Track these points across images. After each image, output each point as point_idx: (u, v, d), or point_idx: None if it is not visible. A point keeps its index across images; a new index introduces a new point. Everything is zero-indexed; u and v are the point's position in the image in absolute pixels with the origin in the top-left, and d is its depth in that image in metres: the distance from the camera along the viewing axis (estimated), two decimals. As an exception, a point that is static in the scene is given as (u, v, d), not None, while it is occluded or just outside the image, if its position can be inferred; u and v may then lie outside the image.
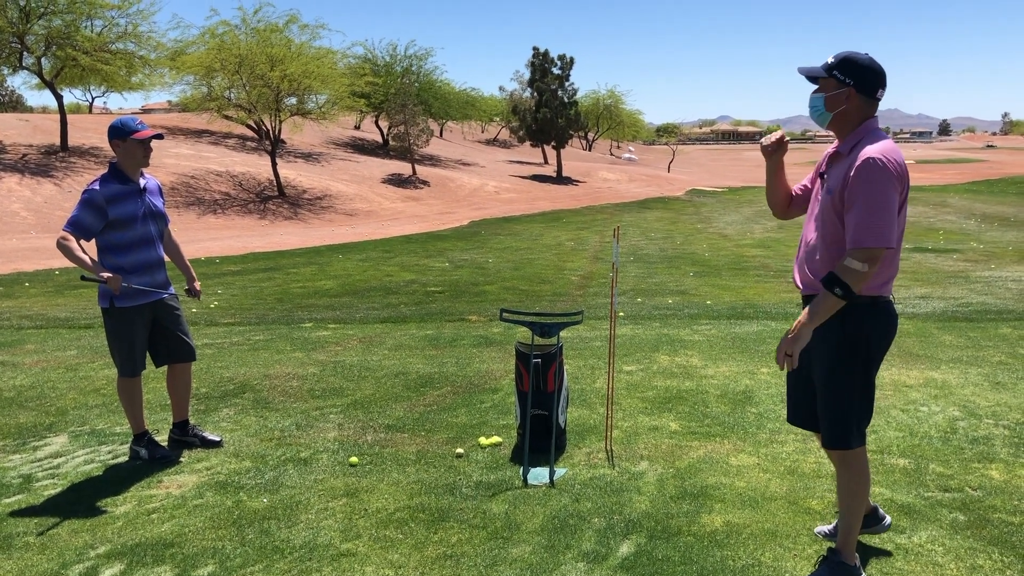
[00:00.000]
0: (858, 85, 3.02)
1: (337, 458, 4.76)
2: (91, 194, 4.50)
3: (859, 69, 3.02)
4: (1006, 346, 7.44)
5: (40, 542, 3.74)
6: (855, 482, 3.19)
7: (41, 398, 6.17)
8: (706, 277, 13.72)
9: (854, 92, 3.03)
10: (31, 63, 31.32)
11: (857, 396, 3.11)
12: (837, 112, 3.07)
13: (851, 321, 3.04)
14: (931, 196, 35.97)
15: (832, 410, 3.13)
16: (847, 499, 3.21)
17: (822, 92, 3.09)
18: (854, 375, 3.09)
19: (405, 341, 8.22)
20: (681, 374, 6.55)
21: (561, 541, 3.64)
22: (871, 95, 3.04)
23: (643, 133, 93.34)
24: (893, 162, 2.91)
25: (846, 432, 3.12)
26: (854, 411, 3.12)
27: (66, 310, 10.92)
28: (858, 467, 3.18)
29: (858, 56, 3.04)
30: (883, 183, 2.88)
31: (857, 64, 3.02)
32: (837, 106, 3.06)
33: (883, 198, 2.88)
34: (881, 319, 3.08)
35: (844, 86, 3.03)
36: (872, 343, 3.08)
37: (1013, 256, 15.69)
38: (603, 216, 29.35)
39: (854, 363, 3.08)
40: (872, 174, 2.89)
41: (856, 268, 2.90)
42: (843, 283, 2.91)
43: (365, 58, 47.96)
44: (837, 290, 2.92)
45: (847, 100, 3.04)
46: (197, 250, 18.39)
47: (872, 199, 2.89)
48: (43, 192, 26.36)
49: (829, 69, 3.05)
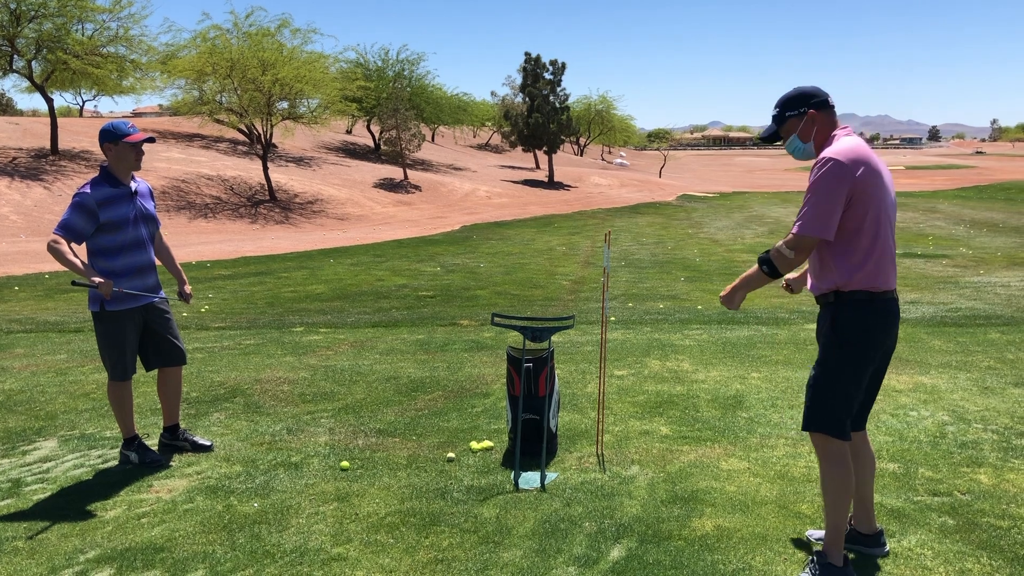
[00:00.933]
0: (812, 106, 3.26)
1: (328, 462, 4.75)
2: (82, 197, 4.49)
3: (801, 96, 3.28)
4: (995, 351, 7.48)
5: (29, 546, 3.72)
6: (834, 474, 3.23)
7: (31, 402, 6.14)
8: (697, 282, 13.75)
9: (814, 112, 3.25)
10: (21, 66, 31.22)
11: (834, 389, 3.20)
12: (815, 136, 3.28)
13: (848, 316, 3.17)
14: (921, 202, 36.13)
15: (811, 391, 3.26)
16: (828, 495, 3.26)
17: (793, 132, 3.31)
18: (844, 367, 3.19)
19: (396, 345, 8.22)
20: (672, 379, 6.57)
21: (552, 545, 3.64)
22: (825, 106, 3.27)
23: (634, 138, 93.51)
24: (841, 160, 3.06)
25: (823, 417, 3.22)
26: (828, 401, 3.21)
27: (56, 314, 10.88)
28: (837, 462, 3.23)
29: (790, 92, 3.33)
30: (824, 178, 3.06)
31: (797, 95, 3.29)
32: (810, 132, 3.28)
33: (822, 191, 3.06)
34: (875, 316, 3.17)
35: (803, 115, 3.27)
36: (864, 340, 3.17)
37: (1002, 261, 15.77)
38: (595, 221, 29.39)
39: (846, 356, 3.18)
40: (819, 170, 3.09)
41: (784, 253, 3.15)
42: (770, 262, 3.19)
43: (357, 62, 47.97)
44: (764, 267, 3.22)
45: (814, 122, 3.26)
46: (188, 254, 18.34)
47: (812, 192, 3.09)
48: (33, 196, 26.25)
49: (780, 115, 3.32)
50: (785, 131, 3.33)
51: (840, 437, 3.21)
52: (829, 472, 3.24)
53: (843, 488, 3.23)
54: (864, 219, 3.10)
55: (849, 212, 3.08)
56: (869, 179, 3.08)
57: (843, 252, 3.14)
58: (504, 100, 54.50)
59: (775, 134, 3.38)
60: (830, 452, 3.24)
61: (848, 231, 3.11)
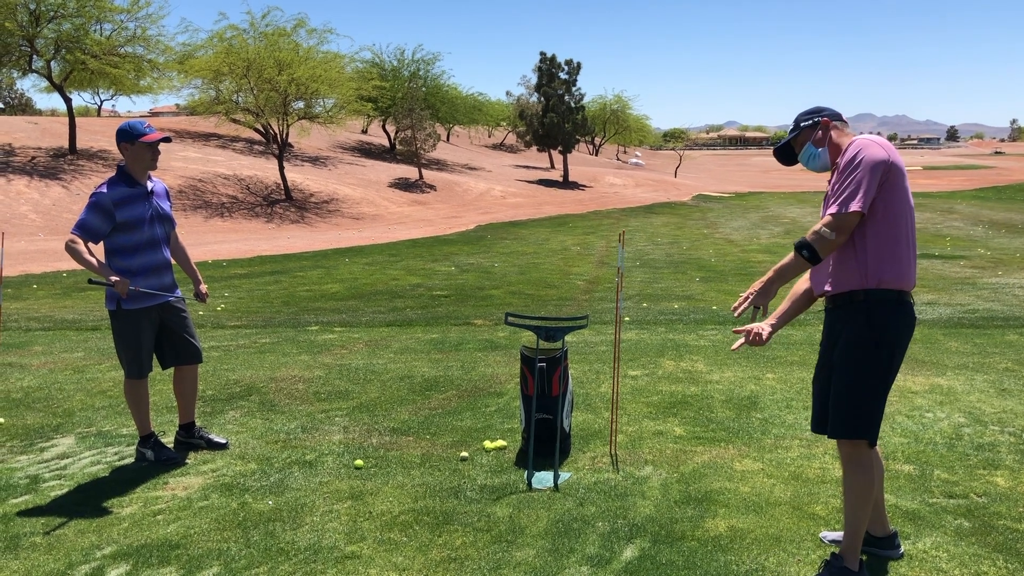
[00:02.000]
0: (825, 115, 3.33)
1: (342, 461, 4.77)
2: (99, 197, 4.53)
3: (815, 110, 3.37)
4: (1012, 353, 7.42)
5: (47, 542, 3.76)
6: (860, 484, 3.20)
7: (48, 399, 6.20)
8: (712, 282, 13.71)
9: (827, 120, 3.31)
10: (40, 66, 31.47)
11: (873, 391, 3.15)
12: (828, 143, 3.31)
13: (879, 317, 3.13)
14: (938, 202, 35.88)
15: (847, 399, 3.17)
16: (852, 501, 3.22)
17: (807, 141, 3.36)
18: (878, 371, 3.14)
19: (411, 345, 8.24)
20: (686, 379, 6.55)
21: (565, 545, 3.64)
22: (839, 118, 3.35)
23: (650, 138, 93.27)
24: (876, 143, 3.10)
25: (858, 422, 3.15)
26: (865, 402, 3.15)
27: (73, 312, 10.97)
28: (866, 468, 3.19)
29: (805, 109, 3.42)
30: (860, 158, 3.07)
31: (811, 108, 3.39)
32: (824, 140, 3.32)
33: (859, 168, 3.06)
34: (904, 318, 3.16)
35: (816, 124, 3.33)
36: (895, 341, 3.14)
37: (1021, 263, 15.64)
38: (609, 221, 29.36)
39: (879, 359, 3.13)
40: (852, 151, 3.11)
41: (824, 234, 3.08)
42: (810, 246, 3.11)
43: (372, 62, 48.07)
44: (804, 252, 3.12)
45: (827, 129, 3.32)
46: (204, 253, 18.44)
47: (848, 171, 3.08)
48: (51, 195, 26.47)
49: (797, 123, 3.39)
50: (799, 142, 3.38)
51: (874, 443, 3.19)
52: (857, 479, 3.20)
53: (869, 494, 3.20)
54: (892, 209, 3.08)
55: (882, 199, 3.07)
56: (899, 171, 3.09)
57: (871, 245, 3.10)
58: (519, 100, 54.48)
59: (789, 148, 3.44)
60: (860, 458, 3.19)
61: (874, 221, 3.09)
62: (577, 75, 48.19)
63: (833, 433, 3.22)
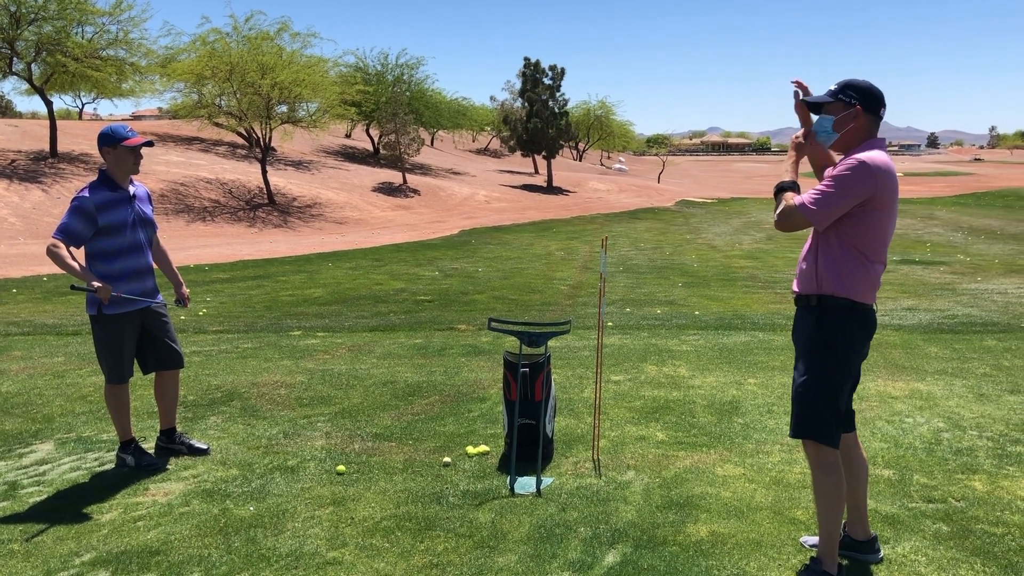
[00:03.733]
0: (864, 104, 3.19)
1: (324, 466, 4.76)
2: (81, 201, 4.50)
3: (862, 90, 3.21)
4: (991, 358, 7.49)
5: (25, 549, 3.73)
6: (826, 485, 3.23)
7: (27, 405, 6.15)
8: (695, 288, 13.77)
9: (861, 111, 3.18)
10: (21, 69, 31.23)
11: (823, 393, 3.20)
12: (846, 131, 3.21)
13: (830, 321, 3.18)
14: (919, 208, 36.19)
15: (800, 399, 3.25)
16: (821, 503, 3.26)
17: (830, 114, 3.23)
18: (827, 372, 3.19)
19: (394, 350, 8.23)
20: (668, 384, 6.58)
21: (547, 550, 3.65)
22: (875, 112, 3.20)
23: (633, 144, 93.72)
24: (871, 166, 3.04)
25: (808, 423, 3.22)
26: (817, 405, 3.20)
27: (54, 317, 10.88)
28: (829, 469, 3.23)
29: (859, 80, 3.24)
30: (849, 176, 3.05)
31: (860, 87, 3.21)
32: (846, 125, 3.21)
33: (840, 185, 3.05)
34: (855, 323, 3.19)
35: (851, 106, 3.19)
36: (846, 345, 3.19)
37: (999, 269, 15.80)
38: (593, 226, 29.42)
39: (828, 361, 3.19)
40: (845, 165, 3.08)
41: (780, 208, 3.19)
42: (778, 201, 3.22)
43: (356, 67, 48.05)
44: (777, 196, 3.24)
45: (855, 119, 3.19)
46: (186, 257, 18.35)
47: (831, 183, 3.08)
48: (32, 198, 26.26)
49: (835, 94, 3.23)
50: (828, 109, 3.25)
51: (830, 444, 3.22)
52: (821, 480, 3.24)
53: (835, 495, 3.23)
54: (867, 234, 3.10)
55: (855, 221, 3.08)
56: (888, 194, 3.08)
57: (837, 259, 3.14)
58: (503, 105, 54.55)
59: (819, 105, 3.29)
60: (821, 460, 3.24)
61: (846, 236, 3.11)
62: (561, 80, 48.35)
63: (791, 432, 3.30)
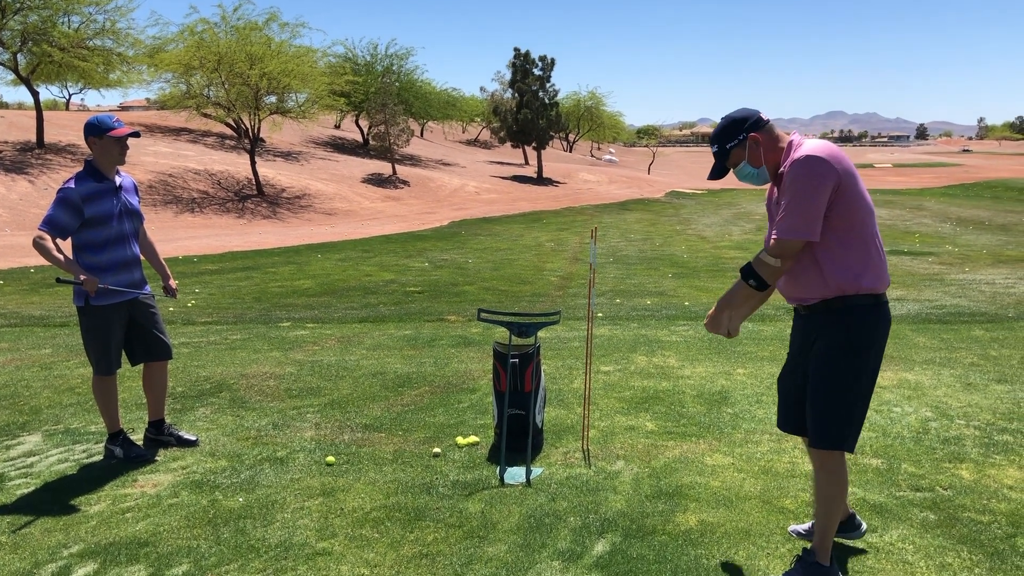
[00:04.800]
0: (748, 129, 3.16)
1: (314, 457, 4.75)
2: (67, 192, 4.47)
3: (734, 123, 3.18)
4: (978, 348, 7.53)
5: (12, 541, 3.71)
6: (834, 486, 3.19)
7: (15, 397, 6.11)
8: (684, 278, 13.79)
9: (755, 135, 3.15)
10: (7, 59, 31.00)
11: (855, 399, 3.10)
12: (764, 158, 3.16)
13: (857, 322, 3.07)
14: (908, 199, 36.32)
15: (823, 410, 3.12)
16: (825, 502, 3.21)
17: (741, 161, 3.19)
18: (860, 377, 3.09)
19: (383, 341, 8.22)
20: (658, 374, 6.59)
21: (537, 540, 3.65)
22: (761, 125, 3.17)
23: (623, 135, 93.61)
24: (823, 156, 2.97)
25: (843, 433, 3.11)
26: (843, 413, 3.10)
27: (41, 308, 10.82)
28: (838, 471, 3.19)
29: (724, 119, 3.23)
30: (807, 176, 2.96)
31: (729, 124, 3.19)
32: (757, 155, 3.17)
33: (804, 190, 2.97)
34: (883, 320, 3.11)
35: (744, 142, 3.16)
36: (873, 344, 3.09)
37: (987, 259, 15.88)
38: (583, 217, 29.42)
39: (860, 365, 3.08)
40: (796, 171, 2.99)
41: (768, 261, 3.05)
42: (757, 276, 3.08)
43: (345, 57, 47.82)
44: (752, 281, 3.10)
45: (758, 144, 3.16)
46: (175, 249, 18.26)
47: (793, 195, 2.99)
48: (18, 189, 26.08)
49: (723, 147, 3.20)
50: (732, 162, 3.21)
51: (852, 451, 3.15)
52: (831, 481, 3.18)
53: (840, 495, 3.20)
54: (855, 216, 3.01)
55: (838, 210, 2.98)
56: (850, 175, 3.00)
57: (842, 254, 3.04)
58: (493, 96, 54.42)
59: (723, 169, 3.25)
60: (833, 464, 3.17)
61: (840, 231, 3.01)
62: (551, 71, 48.27)
63: (816, 444, 3.15)
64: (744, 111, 3.20)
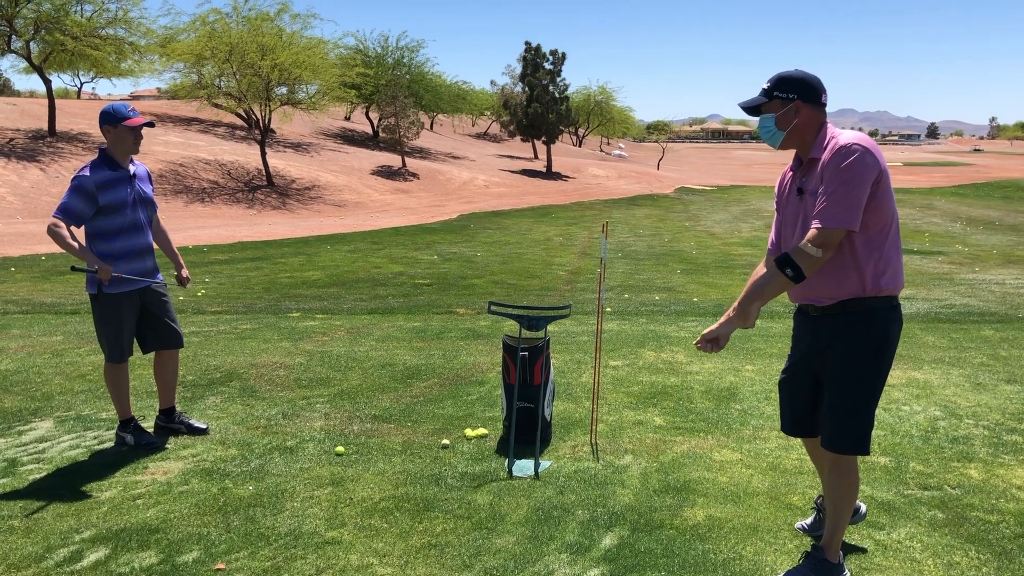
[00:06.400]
0: (802, 96, 3.07)
1: (323, 447, 4.77)
2: (81, 180, 4.49)
3: (796, 83, 3.09)
4: (988, 348, 7.51)
5: (25, 525, 3.74)
6: (847, 486, 3.18)
7: (26, 383, 6.15)
8: (693, 274, 13.78)
9: (801, 103, 3.07)
10: (19, 47, 31.03)
11: (876, 400, 3.10)
12: (792, 127, 3.10)
13: (877, 325, 3.03)
14: (918, 198, 36.17)
15: (847, 415, 3.09)
16: (837, 501, 3.21)
17: (773, 113, 3.12)
18: (878, 379, 3.08)
19: (392, 333, 8.24)
20: (666, 370, 6.59)
21: (545, 532, 3.67)
22: (817, 102, 3.09)
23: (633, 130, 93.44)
24: (870, 149, 2.92)
25: (857, 437, 3.10)
26: (868, 416, 3.10)
27: (52, 295, 10.87)
28: (851, 472, 3.18)
29: (791, 72, 3.12)
30: (853, 166, 2.89)
31: (793, 79, 3.10)
32: (789, 122, 3.09)
33: (850, 179, 2.89)
34: (896, 322, 3.09)
35: (789, 101, 3.08)
36: (890, 346, 3.07)
37: (997, 259, 15.82)
38: (592, 212, 29.38)
39: (879, 367, 3.06)
40: (842, 159, 2.91)
41: (809, 252, 2.92)
42: (795, 265, 2.94)
43: (356, 49, 47.77)
44: (788, 271, 2.96)
45: (797, 113, 3.08)
46: (185, 238, 18.32)
47: (839, 181, 2.90)
48: (30, 177, 26.17)
49: (769, 92, 3.11)
50: (766, 109, 3.14)
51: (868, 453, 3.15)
52: (844, 482, 3.18)
53: (854, 493, 3.21)
54: (885, 213, 2.97)
55: (874, 208, 2.93)
56: (886, 176, 2.97)
57: (867, 253, 2.99)
58: (503, 89, 54.31)
59: (756, 108, 3.17)
60: (850, 465, 3.17)
61: (869, 227, 2.96)
62: (562, 65, 48.13)
63: (836, 448, 3.12)
64: (815, 81, 3.10)
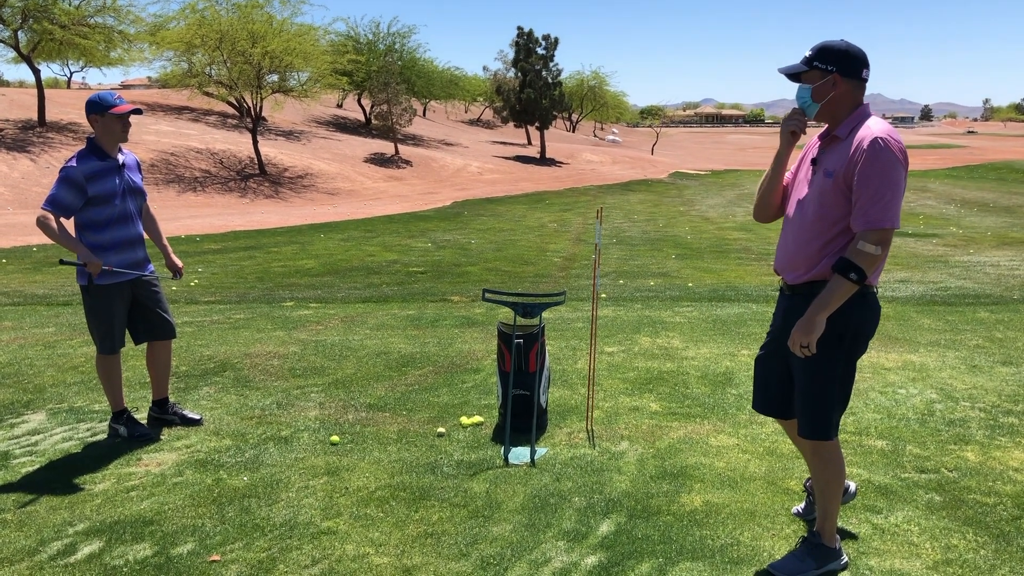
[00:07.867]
0: (841, 70, 3.00)
1: (318, 437, 4.75)
2: (69, 171, 4.44)
3: (838, 54, 3.01)
4: (983, 330, 7.51)
5: (18, 519, 3.71)
6: (829, 471, 3.18)
7: (18, 375, 6.11)
8: (688, 260, 13.76)
9: (839, 77, 3.00)
10: (7, 36, 30.78)
11: (839, 388, 3.09)
12: (827, 100, 3.04)
13: (837, 314, 2.99)
14: (912, 181, 36.15)
15: (814, 402, 3.10)
16: (823, 487, 3.21)
17: (810, 83, 3.06)
18: (837, 367, 3.06)
19: (387, 321, 8.21)
20: (662, 355, 6.58)
21: (541, 520, 3.65)
22: (857, 77, 3.02)
23: (627, 115, 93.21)
24: (898, 143, 2.90)
25: (827, 424, 3.10)
26: (835, 403, 3.10)
27: (44, 287, 10.82)
28: (832, 455, 3.17)
29: (834, 43, 3.03)
30: (893, 164, 2.87)
31: (835, 50, 3.01)
32: (825, 94, 3.03)
33: (894, 179, 2.88)
34: (868, 311, 3.05)
35: (828, 74, 3.01)
36: (858, 335, 3.05)
37: (992, 241, 15.82)
38: (586, 198, 29.33)
39: (838, 355, 3.04)
40: (883, 155, 2.87)
41: (870, 251, 2.88)
42: (858, 267, 2.88)
43: (347, 35, 47.49)
44: (852, 275, 2.89)
45: (834, 87, 3.02)
46: (177, 228, 18.24)
47: (884, 180, 2.87)
48: (20, 168, 26.02)
49: (809, 61, 3.04)
50: (804, 79, 3.07)
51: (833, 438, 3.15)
52: (826, 468, 3.18)
53: (840, 476, 3.20)
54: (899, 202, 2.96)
55: None
56: None
57: (848, 243, 2.99)
58: (496, 75, 54.16)
59: (796, 75, 3.10)
60: (830, 450, 3.16)
61: None
62: (555, 50, 47.97)
63: (807, 435, 3.14)
64: (859, 53, 3.02)
